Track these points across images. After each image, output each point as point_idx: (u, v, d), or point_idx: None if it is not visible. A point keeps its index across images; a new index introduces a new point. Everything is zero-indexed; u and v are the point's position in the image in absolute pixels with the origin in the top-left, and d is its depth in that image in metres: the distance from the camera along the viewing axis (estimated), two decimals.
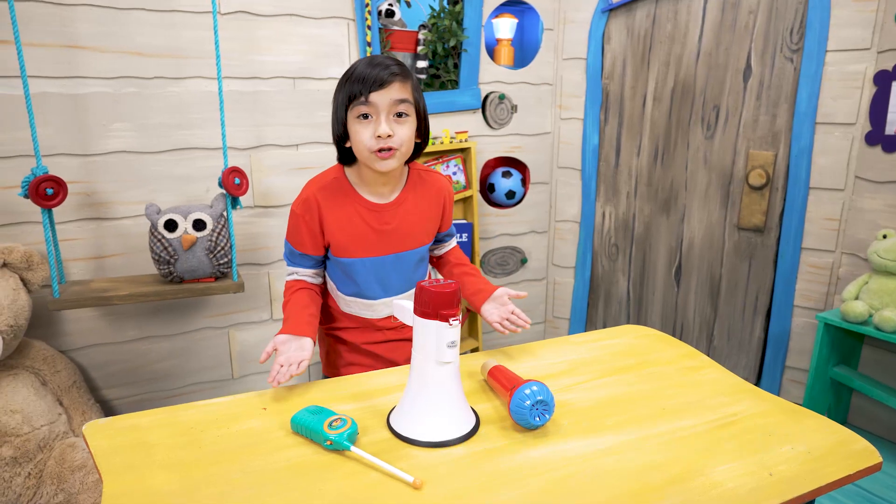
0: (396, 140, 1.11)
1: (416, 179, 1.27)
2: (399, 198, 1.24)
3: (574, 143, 2.77)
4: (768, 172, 2.34)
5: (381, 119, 1.10)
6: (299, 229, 1.24)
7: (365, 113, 1.10)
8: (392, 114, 1.11)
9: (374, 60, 1.11)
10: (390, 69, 1.09)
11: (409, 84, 1.13)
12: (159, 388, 2.24)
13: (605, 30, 2.61)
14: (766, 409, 1.05)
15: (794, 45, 2.23)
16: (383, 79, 1.08)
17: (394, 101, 1.10)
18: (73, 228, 2.00)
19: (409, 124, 1.13)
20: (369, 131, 1.10)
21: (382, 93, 1.09)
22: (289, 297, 1.26)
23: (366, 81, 1.08)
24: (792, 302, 2.37)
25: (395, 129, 1.11)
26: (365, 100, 1.09)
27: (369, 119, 1.11)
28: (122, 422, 0.96)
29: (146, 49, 1.97)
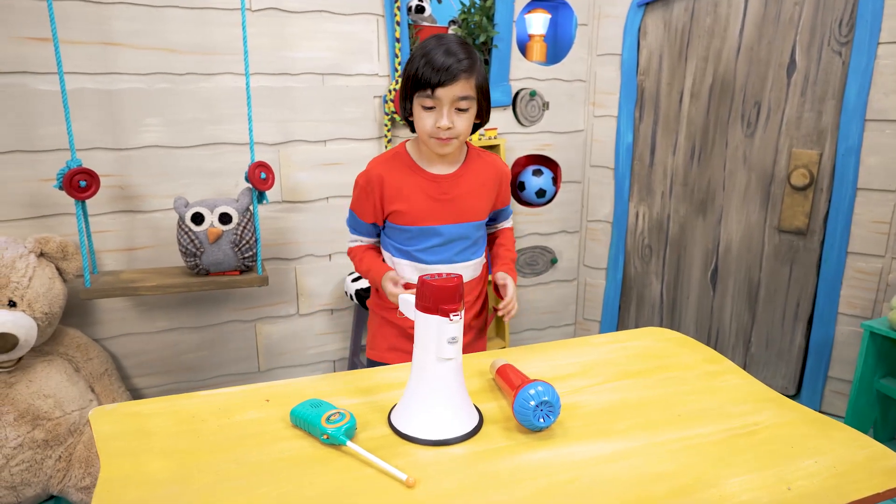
0: (455, 131, 1.19)
1: (475, 156, 1.34)
2: (458, 171, 1.31)
3: (607, 141, 2.70)
4: (812, 172, 2.23)
5: (444, 112, 1.17)
6: (361, 200, 1.32)
7: (429, 105, 1.18)
8: (454, 107, 1.18)
9: (445, 47, 1.16)
10: (459, 65, 1.14)
11: (473, 79, 1.18)
12: (187, 378, 2.29)
13: (642, 24, 2.54)
14: (791, 419, 0.98)
15: (842, 38, 2.12)
16: (449, 77, 1.14)
17: (456, 98, 1.17)
18: (107, 220, 2.06)
19: (469, 115, 1.21)
20: (431, 120, 1.18)
21: (447, 89, 1.15)
22: (361, 255, 1.36)
23: (432, 74, 1.14)
24: (836, 309, 2.25)
25: (455, 121, 1.19)
26: (431, 93, 1.16)
27: (432, 110, 1.18)
28: (128, 408, 0.97)
29: (179, 46, 2.02)
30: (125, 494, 0.76)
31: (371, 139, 2.35)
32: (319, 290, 2.42)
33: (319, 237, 2.36)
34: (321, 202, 2.34)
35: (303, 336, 2.43)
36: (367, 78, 2.30)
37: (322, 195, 2.33)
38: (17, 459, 1.70)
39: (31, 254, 1.80)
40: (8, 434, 1.69)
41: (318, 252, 2.38)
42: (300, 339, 2.43)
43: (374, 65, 2.29)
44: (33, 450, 1.73)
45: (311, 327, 2.44)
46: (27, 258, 1.79)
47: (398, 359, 1.34)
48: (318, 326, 2.45)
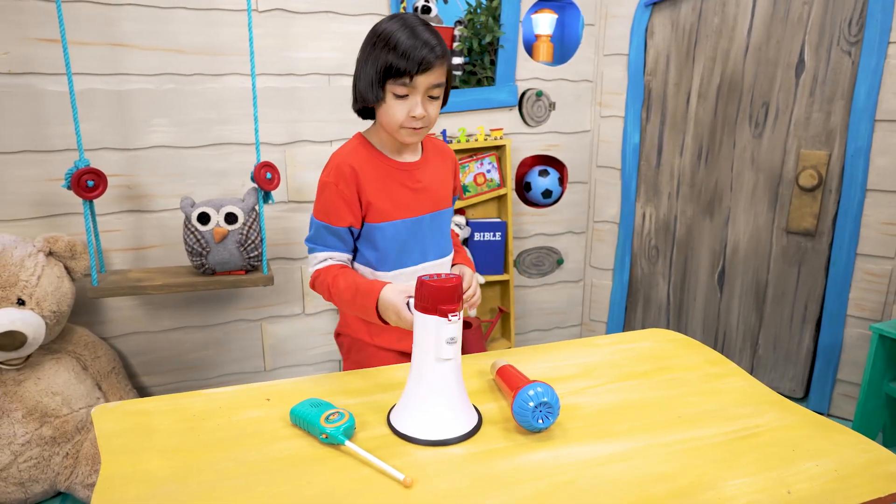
0: (427, 119, 1.15)
1: (429, 144, 1.31)
2: (422, 159, 1.27)
3: (614, 141, 2.69)
4: (821, 173, 2.21)
5: (418, 100, 1.12)
6: (334, 201, 1.16)
7: (403, 93, 1.11)
8: (427, 95, 1.13)
9: (415, 32, 1.09)
10: (434, 50, 1.09)
11: (445, 65, 1.14)
12: (193, 377, 2.30)
13: (649, 24, 2.52)
14: (793, 422, 0.97)
15: (852, 38, 2.10)
16: (429, 63, 1.08)
17: (431, 86, 1.12)
18: (114, 220, 2.07)
19: (439, 102, 1.18)
20: (405, 108, 1.12)
21: (425, 76, 1.10)
22: (336, 274, 1.16)
23: (411, 61, 1.07)
24: (845, 311, 2.23)
25: (428, 109, 1.14)
26: (409, 80, 1.09)
27: (406, 98, 1.11)
28: (130, 406, 0.98)
29: (186, 47, 2.03)
30: (126, 492, 0.77)
31: None
32: None
33: None
34: None
35: (308, 335, 2.44)
36: None
37: None
38: (25, 456, 1.72)
39: (39, 253, 1.82)
40: (16, 431, 1.71)
41: None
42: (305, 338, 2.44)
43: None
44: (41, 447, 1.75)
45: (317, 327, 2.45)
46: (36, 257, 1.81)
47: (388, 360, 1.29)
48: (323, 326, 2.45)
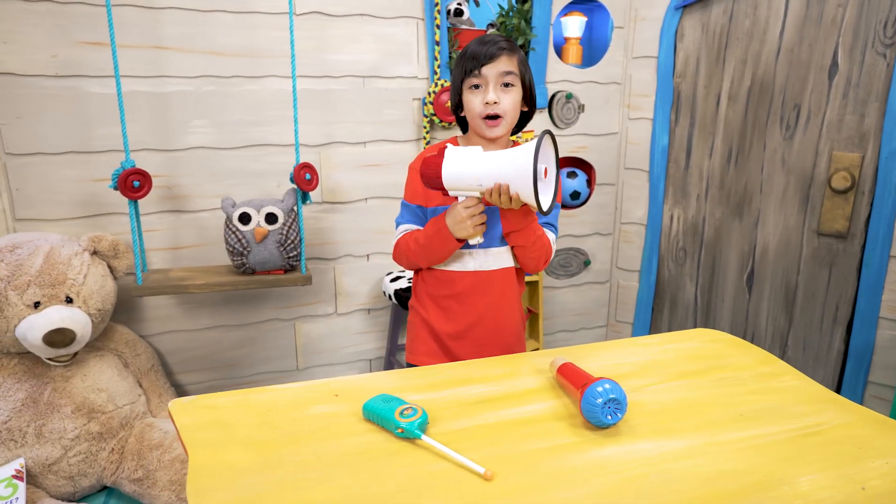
0: (502, 107, 1.25)
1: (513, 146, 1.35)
2: None
3: (642, 143, 2.70)
4: (854, 175, 2.21)
5: (490, 88, 1.24)
6: (412, 182, 1.35)
7: (476, 84, 1.25)
8: (500, 84, 1.25)
9: (484, 38, 1.27)
10: (498, 44, 1.24)
11: (515, 58, 1.26)
12: (229, 375, 2.33)
13: (679, 27, 2.54)
14: (854, 420, 0.99)
15: (888, 40, 2.10)
16: (492, 53, 1.23)
17: (501, 73, 1.24)
18: (154, 220, 2.11)
19: (515, 93, 1.26)
20: (479, 98, 1.25)
21: (491, 66, 1.23)
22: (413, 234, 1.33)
23: (477, 57, 1.24)
24: (877, 313, 2.23)
25: (502, 98, 1.25)
26: (477, 72, 1.24)
27: (480, 89, 1.26)
28: (204, 401, 1.00)
29: (225, 49, 2.06)
30: (215, 482, 0.79)
31: (410, 141, 2.39)
32: (357, 289, 2.45)
33: (358, 237, 2.40)
34: (360, 203, 2.37)
35: (340, 335, 2.47)
36: (407, 80, 2.33)
37: (361, 196, 2.37)
38: (75, 451, 1.75)
39: (85, 252, 1.86)
40: (66, 426, 1.74)
41: (356, 252, 2.41)
42: (338, 337, 2.47)
43: (414, 67, 2.33)
44: (89, 441, 1.79)
45: (349, 326, 2.47)
46: (82, 256, 1.84)
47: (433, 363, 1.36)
48: (355, 326, 2.48)
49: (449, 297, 1.35)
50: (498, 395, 1.06)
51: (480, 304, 1.35)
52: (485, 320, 1.35)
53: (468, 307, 1.35)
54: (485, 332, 1.35)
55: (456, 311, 1.35)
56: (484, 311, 1.35)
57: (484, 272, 1.35)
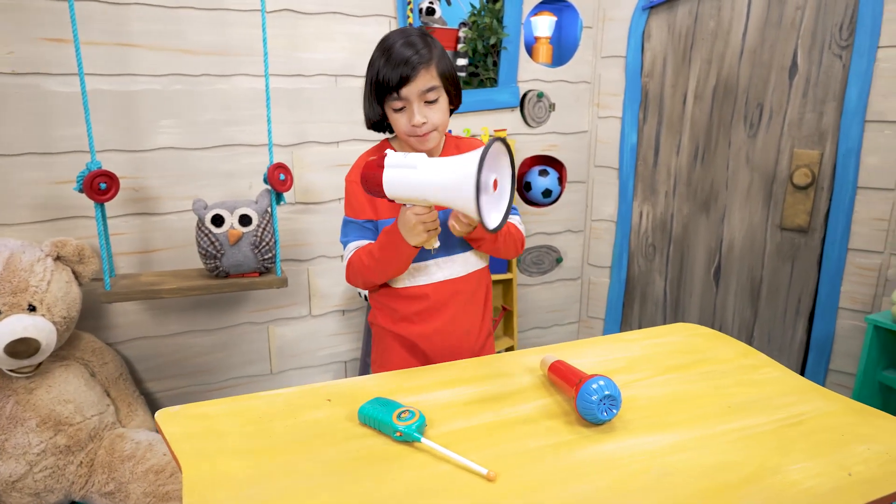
0: (430, 125, 1.18)
1: (452, 146, 1.31)
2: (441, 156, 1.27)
3: (612, 141, 2.75)
4: (814, 172, 2.30)
5: (414, 109, 1.16)
6: (357, 196, 1.26)
7: (399, 106, 1.17)
8: (423, 101, 1.16)
9: (392, 51, 1.13)
10: (417, 58, 1.12)
11: (433, 68, 1.16)
12: (201, 381, 2.27)
13: (646, 27, 2.59)
14: (836, 409, 1.03)
15: (843, 42, 2.19)
16: (409, 72, 1.12)
17: (422, 92, 1.15)
18: (120, 223, 2.04)
19: (440, 105, 1.19)
20: (405, 119, 1.18)
21: (410, 86, 1.14)
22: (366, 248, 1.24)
23: (390, 80, 1.13)
24: (837, 304, 2.32)
25: (428, 115, 1.17)
26: (397, 95, 1.15)
27: (404, 109, 1.17)
28: (193, 410, 0.97)
29: (195, 47, 2.01)
30: (213, 494, 0.77)
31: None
32: (331, 290, 2.42)
33: (332, 238, 2.37)
34: (334, 203, 2.34)
35: (315, 337, 2.43)
36: None
37: (335, 196, 2.34)
38: (41, 466, 1.68)
39: (47, 257, 1.78)
40: (31, 440, 1.67)
41: (330, 253, 2.38)
42: (312, 340, 2.43)
43: None
44: (56, 455, 1.71)
45: (323, 328, 2.44)
46: (44, 262, 1.76)
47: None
48: (330, 327, 2.45)
49: (422, 312, 1.29)
50: (491, 394, 1.06)
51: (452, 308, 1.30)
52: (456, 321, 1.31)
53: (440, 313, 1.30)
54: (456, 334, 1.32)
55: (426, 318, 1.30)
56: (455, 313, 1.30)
57: (454, 280, 1.28)
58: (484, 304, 1.36)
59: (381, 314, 1.35)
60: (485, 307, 1.37)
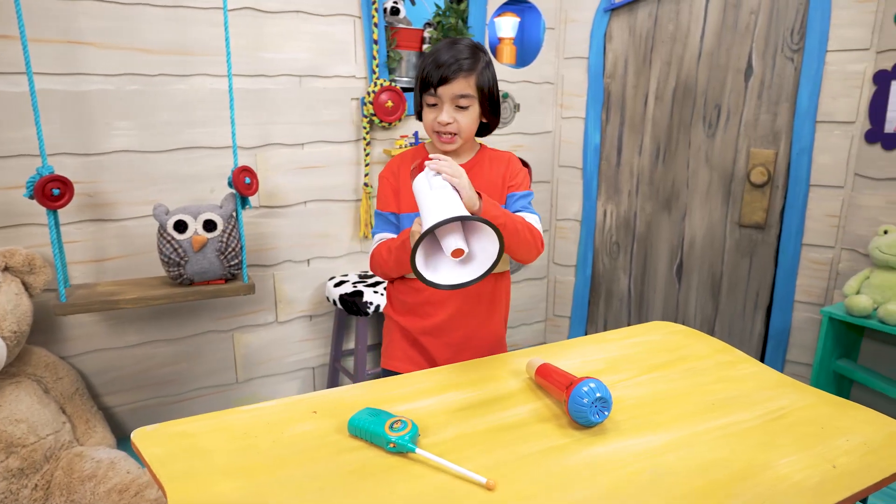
0: (455, 126, 1.24)
1: (486, 156, 1.34)
2: (468, 163, 1.31)
3: (575, 141, 2.78)
4: (769, 170, 2.38)
5: (444, 108, 1.23)
6: (385, 189, 1.34)
7: (432, 102, 1.24)
8: (454, 105, 1.23)
9: (449, 48, 1.22)
10: (458, 64, 1.20)
11: (473, 78, 1.22)
12: (163, 393, 2.19)
13: (607, 29, 2.63)
14: (813, 403, 1.06)
15: (794, 45, 2.28)
16: (450, 73, 1.20)
17: (455, 96, 1.22)
18: (73, 230, 1.94)
19: (470, 112, 1.24)
20: (433, 115, 1.25)
21: (446, 87, 1.21)
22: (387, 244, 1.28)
23: (434, 75, 1.21)
24: (793, 297, 2.42)
25: (456, 118, 1.23)
26: (434, 91, 1.22)
27: (436, 106, 1.24)
28: (172, 428, 0.92)
29: (151, 45, 1.92)
30: None
31: (349, 142, 2.33)
32: (298, 296, 2.37)
33: (298, 242, 2.31)
34: (299, 206, 2.29)
35: (282, 344, 2.38)
36: (345, 80, 2.27)
37: (300, 199, 2.28)
38: None
39: None
40: None
41: (296, 257, 2.33)
42: (279, 347, 2.37)
43: (352, 66, 2.27)
44: (8, 480, 1.61)
45: (291, 334, 2.38)
46: None
47: (411, 368, 1.33)
48: (297, 333, 2.40)
49: (426, 304, 1.31)
50: (480, 400, 1.05)
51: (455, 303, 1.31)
52: (461, 321, 1.31)
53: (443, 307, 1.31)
54: (463, 334, 1.32)
55: (429, 311, 1.32)
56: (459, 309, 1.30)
57: None
58: (492, 308, 1.35)
59: (391, 303, 1.39)
60: (493, 311, 1.35)
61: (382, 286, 2.22)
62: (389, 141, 2.39)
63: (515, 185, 1.32)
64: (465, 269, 1.02)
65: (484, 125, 1.30)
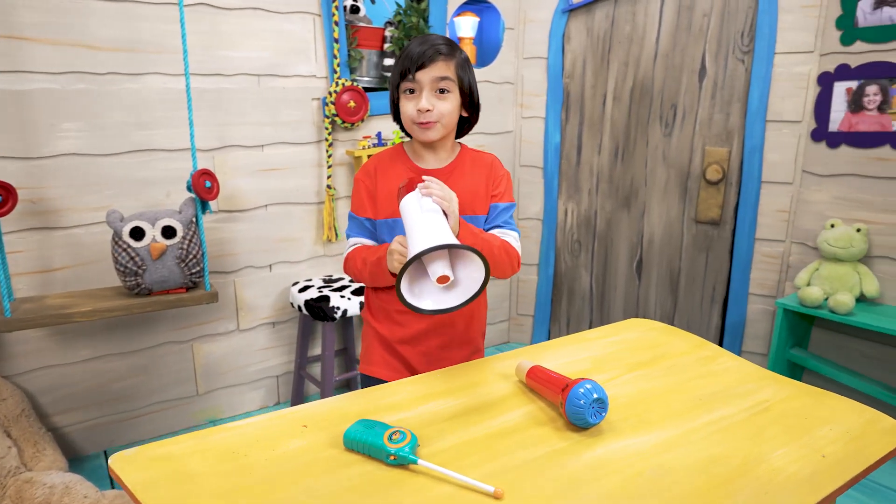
0: (436, 113, 1.19)
1: (467, 156, 1.31)
2: (449, 167, 1.28)
3: (536, 141, 2.80)
4: (724, 168, 2.47)
5: (424, 94, 1.19)
6: (360, 193, 1.30)
7: (410, 88, 1.20)
8: (434, 90, 1.19)
9: (424, 40, 1.20)
10: (436, 47, 1.18)
11: (452, 62, 1.20)
12: (118, 409, 2.07)
13: (566, 30, 2.66)
14: (792, 394, 1.09)
15: (745, 48, 2.36)
16: (428, 57, 1.17)
17: (435, 79, 1.18)
18: (16, 240, 1.81)
19: (451, 100, 1.21)
20: (413, 104, 1.20)
21: (426, 71, 1.18)
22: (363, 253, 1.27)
23: (413, 60, 1.18)
24: (747, 290, 2.51)
25: (436, 104, 1.19)
26: (412, 77, 1.19)
27: (414, 94, 1.20)
28: (152, 451, 0.86)
29: (99, 42, 1.82)
30: None
31: (311, 143, 2.27)
32: (260, 302, 2.29)
33: (259, 247, 2.24)
34: (260, 210, 2.21)
35: (244, 353, 2.29)
36: (305, 79, 2.21)
37: (261, 203, 2.21)
38: None
39: None
40: None
41: (257, 263, 2.25)
42: (241, 356, 2.29)
43: (312, 66, 2.21)
44: None
45: (253, 343, 2.30)
46: None
47: (391, 374, 1.31)
48: (259, 341, 2.32)
49: (404, 312, 1.28)
50: (473, 406, 1.03)
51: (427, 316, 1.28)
52: (439, 330, 1.29)
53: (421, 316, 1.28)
54: (440, 343, 1.30)
55: (407, 320, 1.29)
56: (437, 319, 1.29)
57: None
58: (470, 319, 1.33)
59: (370, 307, 1.36)
60: (471, 322, 1.34)
61: (349, 290, 2.18)
62: (352, 142, 2.34)
63: (499, 194, 1.30)
64: (448, 295, 1.01)
65: (463, 121, 1.27)
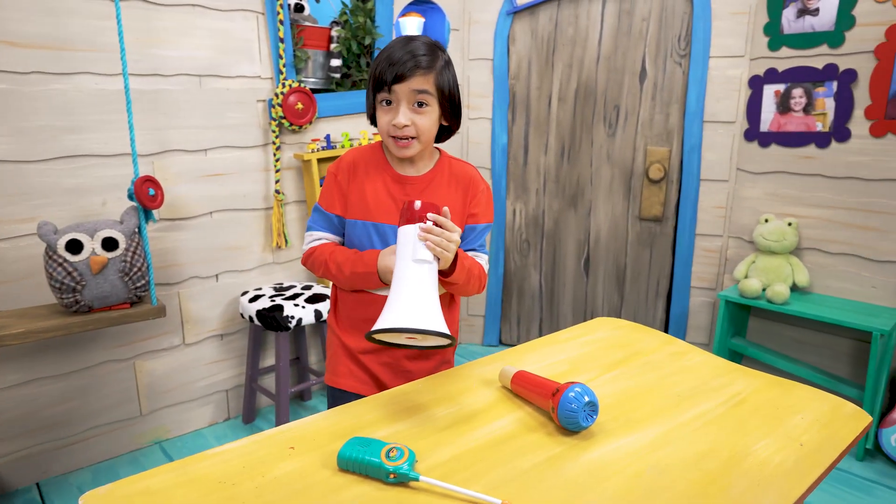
0: (413, 129, 1.13)
1: (446, 164, 1.25)
2: (426, 176, 1.23)
3: (483, 142, 2.82)
4: (665, 167, 2.56)
5: (401, 108, 1.13)
6: (331, 188, 1.24)
7: (387, 99, 1.14)
8: (412, 103, 1.13)
9: (405, 45, 1.13)
10: (415, 60, 1.11)
11: (432, 75, 1.13)
12: (52, 437, 1.91)
13: (511, 31, 2.68)
14: (761, 385, 1.14)
15: (682, 51, 2.47)
16: (407, 69, 1.10)
17: (413, 92, 1.12)
18: None
19: (430, 113, 1.15)
20: (388, 117, 1.14)
21: (403, 85, 1.11)
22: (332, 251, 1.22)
23: (390, 70, 1.11)
24: (689, 284, 2.62)
25: (415, 119, 1.13)
26: (388, 89, 1.12)
27: (391, 105, 1.14)
28: (129, 486, 0.79)
29: (21, 38, 1.67)
30: None
31: (257, 146, 2.18)
32: (207, 314, 2.18)
33: (204, 257, 2.13)
34: (204, 217, 2.10)
35: (191, 368, 2.17)
36: (249, 80, 2.12)
37: (205, 210, 2.10)
38: None
39: None
40: None
41: (203, 273, 2.14)
42: (188, 371, 2.17)
43: (256, 66, 2.12)
44: None
45: (200, 357, 2.19)
46: None
47: (358, 386, 1.27)
48: (207, 355, 2.21)
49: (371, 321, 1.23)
50: (462, 415, 1.01)
51: None
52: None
53: None
54: (405, 352, 1.26)
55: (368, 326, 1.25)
56: None
57: None
58: None
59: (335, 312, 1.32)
60: None
61: (303, 298, 2.10)
62: (300, 145, 2.27)
63: (477, 214, 1.25)
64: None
65: (443, 129, 1.21)
